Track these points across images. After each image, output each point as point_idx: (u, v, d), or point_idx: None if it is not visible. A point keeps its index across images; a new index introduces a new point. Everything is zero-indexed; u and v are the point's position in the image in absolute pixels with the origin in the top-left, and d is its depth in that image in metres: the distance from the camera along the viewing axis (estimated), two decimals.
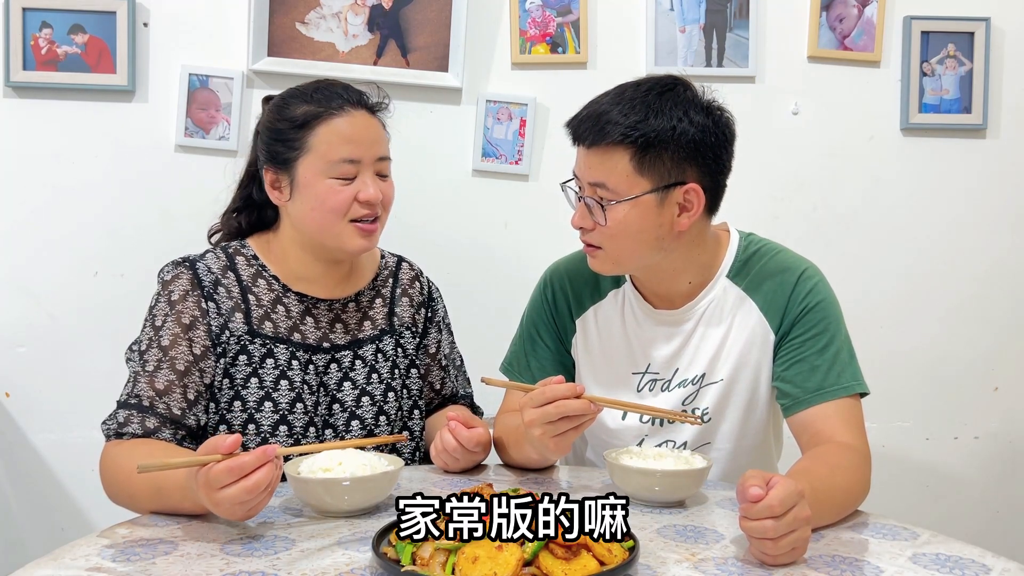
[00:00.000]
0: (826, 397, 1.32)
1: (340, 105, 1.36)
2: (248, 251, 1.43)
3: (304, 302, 1.42)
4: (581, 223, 1.36)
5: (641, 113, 1.27)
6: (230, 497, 1.01)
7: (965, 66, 2.25)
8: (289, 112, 1.37)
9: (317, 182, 1.34)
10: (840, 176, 2.27)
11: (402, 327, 1.51)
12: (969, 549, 1.05)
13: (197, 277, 1.36)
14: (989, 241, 2.31)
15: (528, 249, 2.19)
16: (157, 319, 1.33)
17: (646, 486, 1.19)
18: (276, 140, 1.37)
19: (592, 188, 1.32)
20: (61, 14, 2.05)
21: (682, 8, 2.20)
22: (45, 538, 2.14)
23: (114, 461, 1.23)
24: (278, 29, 2.10)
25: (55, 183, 2.09)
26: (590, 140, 1.30)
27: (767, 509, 0.94)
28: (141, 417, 1.25)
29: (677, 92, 1.31)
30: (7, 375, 2.11)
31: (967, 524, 2.34)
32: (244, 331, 1.36)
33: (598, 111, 1.30)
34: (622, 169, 1.29)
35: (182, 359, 1.30)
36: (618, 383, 1.46)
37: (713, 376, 1.42)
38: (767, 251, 1.44)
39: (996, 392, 2.34)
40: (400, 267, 1.56)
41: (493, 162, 2.19)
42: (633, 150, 1.27)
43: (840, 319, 1.39)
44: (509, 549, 0.85)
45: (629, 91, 1.31)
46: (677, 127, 1.28)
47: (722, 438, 1.44)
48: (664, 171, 1.29)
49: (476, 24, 2.16)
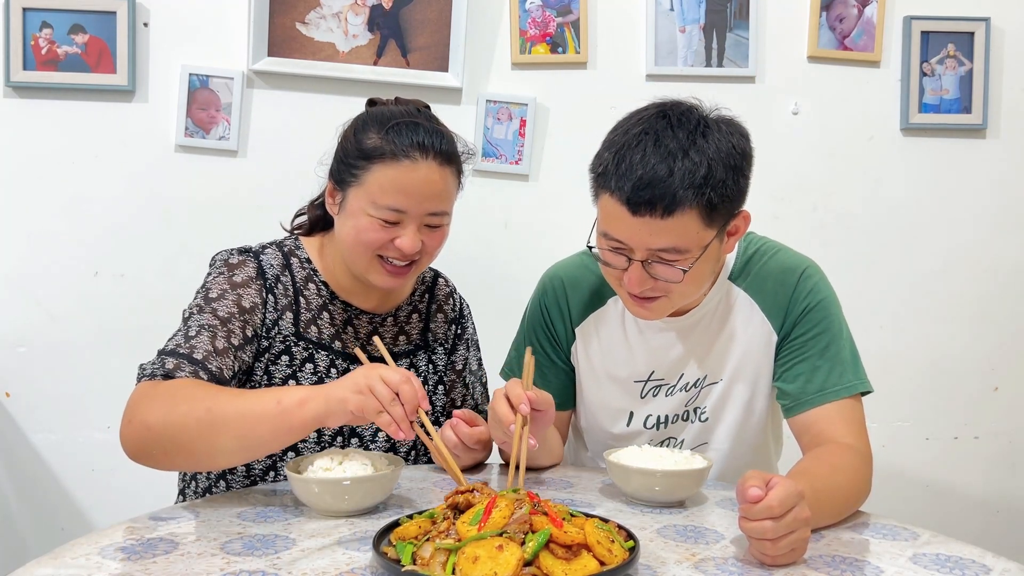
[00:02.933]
0: (828, 398, 1.32)
1: (407, 151, 1.30)
2: (302, 253, 1.43)
3: (348, 311, 1.43)
4: (642, 287, 1.26)
5: (702, 166, 1.19)
6: (385, 375, 1.09)
7: (965, 66, 2.25)
8: (361, 137, 1.34)
9: (360, 215, 1.32)
10: (840, 176, 2.27)
11: (435, 343, 1.53)
12: (969, 549, 1.05)
13: (261, 268, 1.37)
14: (989, 241, 2.31)
15: (528, 249, 2.20)
16: (212, 292, 1.32)
17: (646, 486, 1.19)
18: (342, 159, 1.36)
19: (656, 252, 1.23)
20: (61, 14, 2.05)
21: (682, 8, 2.20)
22: (45, 538, 2.14)
23: (178, 387, 1.18)
24: (278, 29, 2.10)
25: (55, 183, 2.09)
26: (661, 212, 1.19)
27: (766, 510, 0.94)
28: (194, 368, 1.22)
29: (710, 129, 1.23)
30: (7, 375, 2.11)
31: (967, 524, 2.34)
32: (291, 332, 1.37)
33: (653, 177, 1.18)
34: (694, 228, 1.22)
35: (238, 334, 1.29)
36: (621, 391, 1.46)
37: (714, 377, 1.42)
38: (766, 250, 1.43)
39: (996, 392, 2.34)
40: (436, 283, 1.57)
41: (493, 162, 2.19)
42: (700, 207, 1.20)
43: (841, 317, 1.39)
44: (509, 549, 0.85)
45: (666, 140, 1.20)
46: (730, 162, 1.22)
47: (720, 438, 1.44)
48: (724, 213, 1.25)
49: (476, 24, 2.16)
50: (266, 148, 2.14)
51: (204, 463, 1.23)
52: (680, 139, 1.20)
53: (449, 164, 1.35)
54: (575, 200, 2.26)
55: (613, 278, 1.32)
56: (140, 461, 1.17)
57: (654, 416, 1.45)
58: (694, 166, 1.18)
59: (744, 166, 1.25)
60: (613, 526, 0.97)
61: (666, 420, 1.45)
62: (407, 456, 1.49)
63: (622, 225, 1.22)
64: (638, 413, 1.46)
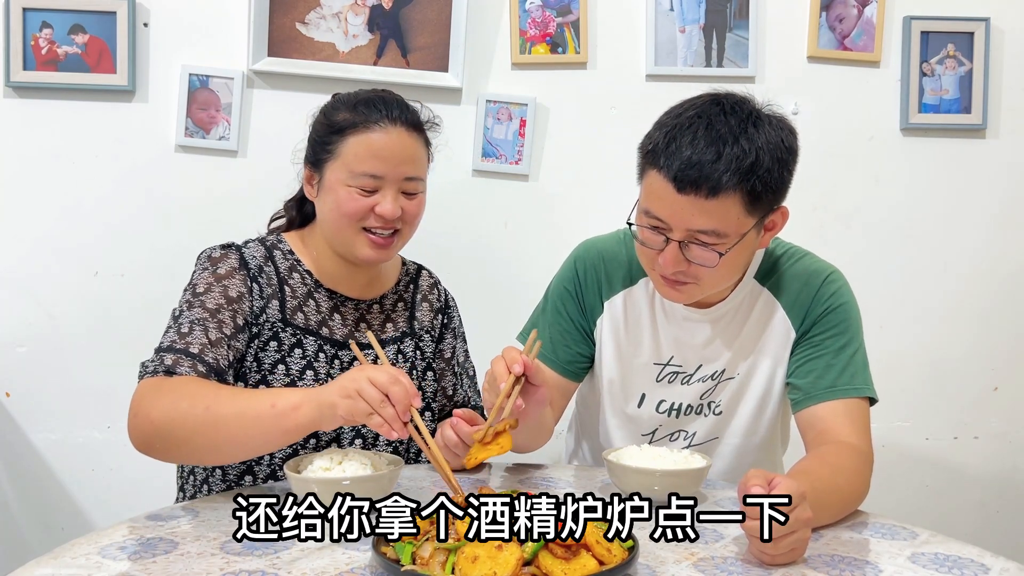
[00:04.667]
0: (837, 395, 1.34)
1: (377, 119, 1.38)
2: (284, 246, 1.47)
3: (333, 299, 1.46)
4: (676, 268, 1.28)
5: (751, 154, 1.22)
6: (373, 378, 1.10)
7: (965, 66, 2.25)
8: (332, 116, 1.42)
9: (339, 187, 1.38)
10: (840, 176, 2.27)
11: (422, 330, 1.55)
12: (968, 548, 1.05)
13: (244, 260, 1.40)
14: (989, 241, 2.31)
15: (528, 249, 2.20)
16: (199, 287, 1.35)
17: (645, 486, 1.19)
18: (316, 139, 1.43)
19: (695, 234, 1.25)
20: (61, 14, 2.05)
21: (682, 8, 2.20)
22: (45, 538, 2.14)
23: (178, 384, 1.20)
24: (278, 29, 2.10)
25: (55, 183, 2.09)
26: (706, 193, 1.22)
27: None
28: (192, 361, 1.25)
29: (761, 120, 1.26)
30: (7, 375, 2.11)
31: (967, 524, 2.34)
32: (278, 319, 1.39)
33: (701, 159, 1.21)
34: (735, 213, 1.24)
35: (228, 324, 1.32)
36: (640, 371, 1.47)
37: (732, 372, 1.44)
38: (794, 254, 1.46)
39: (996, 392, 2.34)
40: (420, 274, 1.61)
41: (493, 162, 2.19)
42: (744, 192, 1.23)
43: (859, 325, 1.42)
44: (509, 549, 0.86)
45: (718, 125, 1.23)
46: (777, 155, 1.24)
47: (732, 433, 1.47)
48: (765, 204, 1.27)
49: (476, 24, 2.16)
50: (266, 148, 2.14)
51: (204, 458, 1.29)
52: (732, 126, 1.23)
53: (418, 132, 1.43)
54: (575, 200, 2.28)
55: (647, 258, 1.34)
56: (145, 453, 1.21)
57: (668, 402, 1.47)
58: (743, 153, 1.21)
59: (790, 161, 1.28)
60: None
61: (679, 409, 1.47)
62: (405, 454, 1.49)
63: (665, 203, 1.25)
64: (650, 396, 1.47)
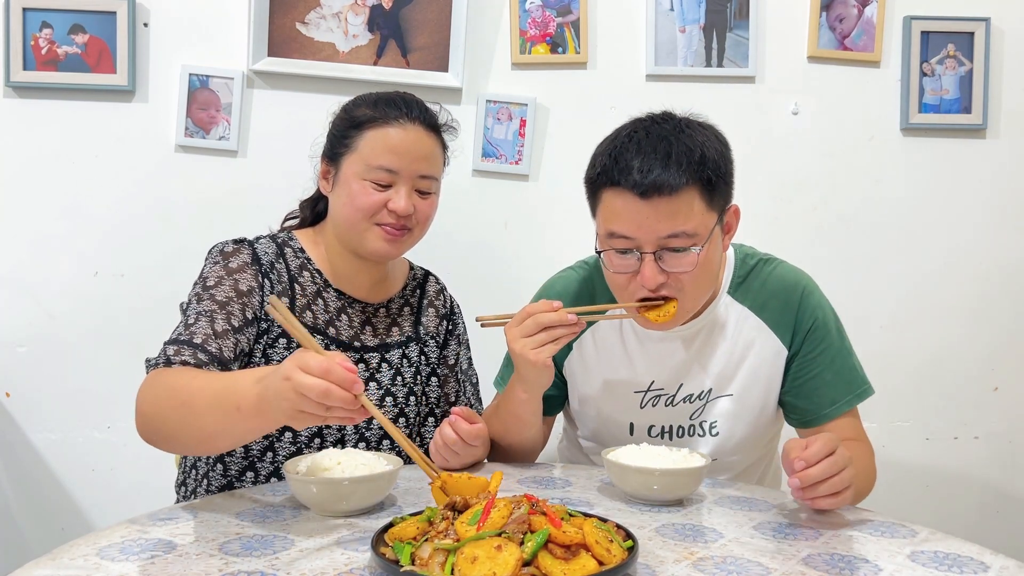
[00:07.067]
0: (841, 409, 1.40)
1: (396, 116, 1.41)
2: (295, 243, 1.49)
3: (341, 299, 1.48)
4: (657, 281, 1.28)
5: (696, 148, 1.26)
6: (308, 384, 0.96)
7: (965, 66, 2.25)
8: (353, 111, 1.45)
9: (353, 180, 1.40)
10: (840, 176, 2.27)
11: (427, 336, 1.56)
12: (967, 547, 1.05)
13: (256, 255, 1.41)
14: (989, 241, 2.31)
15: (528, 249, 2.20)
16: (209, 280, 1.36)
17: (644, 485, 1.19)
18: (334, 134, 1.46)
19: (666, 240, 1.26)
20: (61, 14, 2.06)
21: (682, 8, 2.20)
22: (45, 538, 2.14)
23: (166, 378, 1.21)
24: (278, 29, 2.10)
25: (55, 183, 2.09)
26: (668, 190, 1.23)
27: (814, 455, 1.08)
28: (192, 351, 1.26)
29: (691, 125, 1.31)
30: (7, 375, 2.12)
31: (967, 524, 2.34)
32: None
33: (653, 161, 1.24)
34: (698, 208, 1.26)
35: (237, 316, 1.33)
36: (621, 402, 1.48)
37: (721, 391, 1.44)
38: (762, 264, 1.46)
39: (996, 392, 2.34)
40: (427, 280, 1.63)
41: (493, 162, 2.19)
42: (701, 185, 1.26)
43: (840, 325, 1.45)
44: (508, 549, 0.85)
45: (655, 132, 1.28)
46: (717, 149, 1.29)
47: (732, 451, 1.47)
48: (721, 197, 1.30)
49: (476, 24, 2.16)
50: (266, 148, 2.14)
51: (193, 449, 1.31)
52: (668, 130, 1.29)
53: (435, 132, 1.46)
54: (575, 200, 2.26)
55: (620, 285, 1.33)
56: (149, 443, 1.23)
57: (657, 426, 1.47)
58: (688, 149, 1.25)
59: (729, 155, 1.32)
60: (612, 525, 0.97)
61: (671, 431, 1.47)
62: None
63: (631, 217, 1.26)
64: (638, 424, 1.48)
